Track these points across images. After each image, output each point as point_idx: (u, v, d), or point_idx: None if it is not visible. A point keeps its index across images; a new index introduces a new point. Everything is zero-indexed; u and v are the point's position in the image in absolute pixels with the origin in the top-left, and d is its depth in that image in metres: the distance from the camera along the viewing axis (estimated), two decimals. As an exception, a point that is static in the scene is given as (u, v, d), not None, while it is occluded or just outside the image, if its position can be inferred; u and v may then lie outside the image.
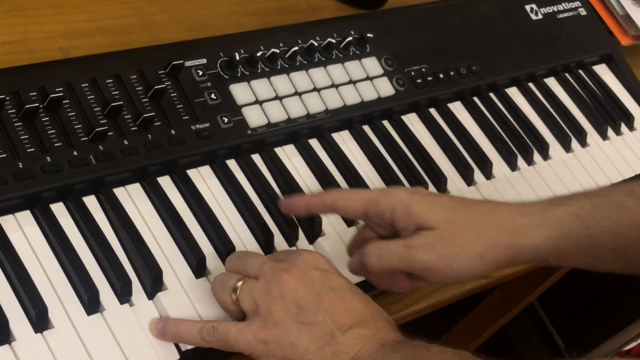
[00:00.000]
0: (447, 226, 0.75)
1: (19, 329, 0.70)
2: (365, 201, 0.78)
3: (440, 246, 0.75)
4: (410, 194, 0.78)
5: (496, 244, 0.76)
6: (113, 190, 0.81)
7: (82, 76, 0.84)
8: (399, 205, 0.77)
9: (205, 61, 0.92)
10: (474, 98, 1.11)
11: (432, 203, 0.77)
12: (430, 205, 0.77)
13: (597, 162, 1.13)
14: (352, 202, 0.79)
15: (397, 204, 0.77)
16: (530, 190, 1.05)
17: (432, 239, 0.75)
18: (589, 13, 1.29)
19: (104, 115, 0.83)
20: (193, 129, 0.87)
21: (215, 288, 0.75)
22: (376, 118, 1.01)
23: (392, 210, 0.77)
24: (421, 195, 0.78)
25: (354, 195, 0.80)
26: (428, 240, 0.75)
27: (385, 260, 0.76)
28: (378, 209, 0.78)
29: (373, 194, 0.79)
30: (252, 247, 0.84)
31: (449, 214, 0.76)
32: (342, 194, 0.81)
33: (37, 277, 0.73)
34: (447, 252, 0.75)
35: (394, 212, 0.77)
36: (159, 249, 0.80)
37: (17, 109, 0.79)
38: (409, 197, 0.77)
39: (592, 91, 1.21)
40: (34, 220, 0.77)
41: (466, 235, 0.75)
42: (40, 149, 0.78)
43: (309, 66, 0.98)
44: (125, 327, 0.74)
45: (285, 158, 0.92)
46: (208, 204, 0.84)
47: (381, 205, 0.77)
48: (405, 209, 0.76)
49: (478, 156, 1.04)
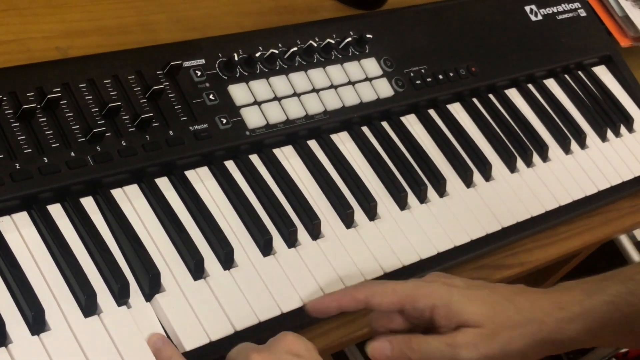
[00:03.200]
0: (488, 324, 0.75)
1: (15, 331, 0.69)
2: (402, 298, 0.77)
3: (483, 346, 0.74)
4: (449, 289, 0.77)
5: (538, 341, 0.76)
6: (111, 192, 0.80)
7: (80, 76, 0.83)
8: (439, 303, 0.76)
9: (204, 61, 0.92)
10: (473, 99, 1.10)
11: (472, 299, 0.76)
12: (471, 301, 0.76)
13: (596, 164, 1.12)
14: (388, 298, 0.77)
15: (437, 301, 0.76)
16: (530, 191, 1.04)
17: (475, 338, 0.74)
18: (588, 14, 1.29)
19: (101, 116, 0.82)
20: (191, 129, 0.87)
21: None
22: (375, 119, 1.01)
23: (432, 309, 0.76)
24: (459, 289, 0.77)
25: (389, 290, 0.77)
26: (471, 339, 0.74)
27: (426, 357, 0.74)
28: (416, 307, 0.76)
29: (409, 290, 0.77)
30: (250, 249, 0.83)
31: (491, 311, 0.76)
32: (375, 290, 0.78)
33: (34, 279, 0.72)
34: (490, 352, 0.74)
35: (434, 310, 0.76)
36: (156, 251, 0.79)
37: (14, 109, 0.78)
38: (448, 293, 0.76)
39: (592, 93, 1.21)
40: (31, 222, 0.76)
41: (508, 334, 0.75)
42: (37, 150, 0.78)
43: (307, 67, 0.98)
44: (122, 330, 0.73)
45: (283, 159, 0.92)
46: (206, 205, 0.84)
47: (420, 303, 0.76)
48: (447, 307, 0.75)
49: (477, 158, 1.03)
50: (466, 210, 0.98)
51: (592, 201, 1.09)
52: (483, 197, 1.00)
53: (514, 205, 1.02)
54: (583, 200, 1.08)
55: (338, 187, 0.92)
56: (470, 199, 0.99)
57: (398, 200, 0.95)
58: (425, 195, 0.97)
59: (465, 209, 0.98)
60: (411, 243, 0.92)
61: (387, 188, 0.95)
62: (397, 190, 0.95)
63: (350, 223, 0.90)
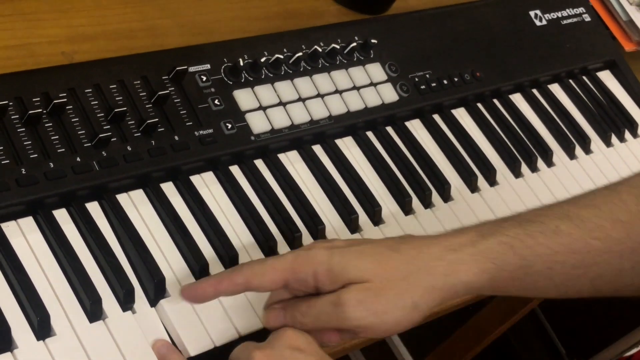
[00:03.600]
0: (374, 278, 0.71)
1: (21, 336, 0.69)
2: (282, 272, 0.72)
3: (370, 301, 0.70)
4: (328, 252, 0.72)
5: (428, 288, 0.72)
6: (116, 197, 0.81)
7: (86, 81, 0.84)
8: (320, 268, 0.71)
9: (209, 67, 0.92)
10: (477, 104, 1.10)
11: (354, 256, 0.72)
12: (353, 259, 0.72)
13: (601, 169, 1.12)
14: (268, 277, 0.72)
15: (317, 267, 0.71)
16: (534, 196, 1.04)
17: (359, 294, 0.70)
18: (593, 19, 1.29)
19: (107, 121, 0.82)
20: (196, 135, 0.87)
21: None
22: (380, 124, 1.01)
23: (314, 275, 0.72)
24: (340, 249, 0.73)
25: (268, 269, 0.73)
26: (357, 295, 0.70)
27: (317, 319, 0.72)
28: (298, 277, 0.72)
29: (288, 263, 0.73)
30: (255, 253, 0.83)
31: (375, 265, 0.72)
32: (254, 271, 0.73)
33: (39, 284, 0.73)
34: (378, 307, 0.70)
35: (317, 277, 0.72)
36: (161, 256, 0.79)
37: (20, 115, 0.79)
38: (328, 256, 0.72)
39: (596, 98, 1.21)
40: (36, 227, 0.76)
41: (396, 286, 0.71)
42: (43, 155, 0.78)
43: (312, 72, 0.98)
44: (127, 335, 0.73)
45: (288, 164, 0.92)
46: (211, 210, 0.84)
47: (301, 273, 0.72)
48: (328, 271, 0.71)
49: (482, 163, 1.03)
50: (471, 215, 0.98)
51: (596, 206, 1.08)
52: (487, 202, 1.01)
53: (519, 211, 1.01)
54: (587, 206, 1.08)
55: (343, 192, 0.92)
56: (474, 204, 0.99)
57: (402, 205, 0.95)
58: (430, 200, 0.97)
59: (470, 214, 0.98)
60: (416, 248, 0.92)
61: (392, 193, 0.96)
62: (402, 195, 0.95)
63: (355, 228, 0.90)
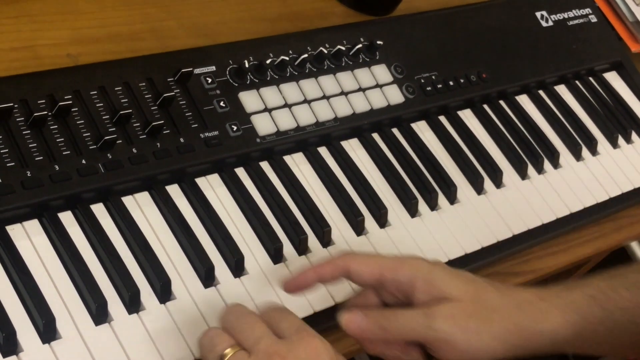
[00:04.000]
0: (469, 300, 0.72)
1: (26, 339, 0.69)
2: (382, 267, 0.74)
3: (461, 319, 0.71)
4: (431, 265, 0.75)
5: (517, 326, 0.73)
6: (121, 199, 0.80)
7: (91, 84, 0.84)
8: (420, 274, 0.73)
9: (214, 68, 0.92)
10: (484, 106, 1.10)
11: (454, 276, 0.74)
12: (452, 277, 0.74)
13: (608, 170, 1.12)
14: (368, 267, 0.74)
15: (417, 273, 0.73)
16: (540, 198, 1.04)
17: (453, 310, 0.71)
18: (599, 20, 1.29)
19: (112, 123, 0.82)
20: (202, 137, 0.86)
21: (202, 346, 0.68)
22: (386, 126, 1.01)
23: (411, 279, 0.73)
24: (443, 267, 0.75)
25: (370, 260, 0.75)
26: (449, 311, 0.71)
27: (402, 327, 0.71)
28: (396, 277, 0.74)
29: (390, 260, 0.75)
30: (261, 256, 0.83)
31: (472, 288, 0.73)
32: (356, 258, 0.75)
33: (45, 287, 0.72)
34: (469, 326, 0.71)
35: (414, 282, 0.73)
36: (167, 258, 0.79)
37: (26, 117, 0.78)
38: (430, 267, 0.74)
39: (603, 99, 1.21)
40: (42, 229, 0.76)
41: (488, 313, 0.72)
42: (48, 158, 0.78)
43: (318, 73, 0.98)
44: (133, 338, 0.73)
45: (294, 166, 0.92)
46: (217, 212, 0.84)
47: (400, 273, 0.74)
48: (427, 280, 0.73)
49: (488, 164, 1.03)
50: (477, 217, 0.98)
51: (603, 208, 1.08)
52: (494, 204, 1.00)
53: (525, 212, 1.01)
54: (594, 207, 1.07)
55: (348, 194, 0.92)
56: (481, 206, 0.99)
57: (409, 207, 0.94)
58: (436, 202, 0.96)
59: (476, 216, 0.98)
60: (422, 250, 0.92)
61: (398, 195, 0.95)
62: (408, 197, 0.95)
63: (361, 230, 0.90)
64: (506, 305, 0.73)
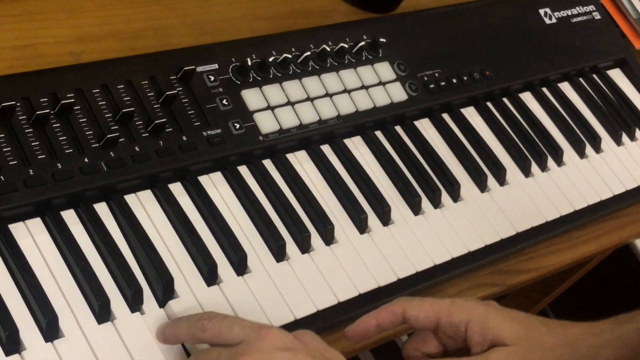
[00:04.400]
0: (522, 343, 0.75)
1: (29, 338, 0.69)
2: (438, 312, 0.76)
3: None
4: (485, 307, 0.77)
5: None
6: (124, 197, 0.80)
7: (93, 82, 0.83)
8: (475, 318, 0.75)
9: (217, 66, 0.91)
10: (487, 103, 1.10)
11: (507, 318, 0.76)
12: (506, 320, 0.76)
13: (612, 168, 1.12)
14: (424, 312, 0.76)
15: (473, 317, 0.75)
16: (544, 196, 1.04)
17: (508, 356, 0.74)
18: (603, 17, 1.28)
19: (115, 122, 0.82)
20: (204, 135, 0.86)
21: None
22: (389, 124, 1.00)
23: (467, 323, 0.75)
24: (496, 309, 0.77)
25: (426, 305, 0.77)
26: (504, 357, 0.74)
27: None
28: (452, 321, 0.76)
29: (446, 305, 0.77)
30: (264, 254, 0.83)
31: (525, 331, 0.76)
32: (412, 303, 0.77)
33: (48, 285, 0.72)
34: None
35: (469, 325, 0.75)
36: (170, 257, 0.79)
37: (28, 115, 0.78)
38: (484, 310, 0.76)
39: (607, 96, 1.20)
40: (44, 228, 0.76)
41: (542, 354, 0.75)
42: (51, 156, 0.78)
43: (321, 71, 0.97)
44: (136, 336, 0.73)
45: (297, 164, 0.92)
46: (219, 210, 0.83)
47: (456, 317, 0.76)
48: (482, 323, 0.75)
49: (491, 162, 1.03)
50: (480, 215, 0.97)
51: (607, 205, 1.08)
52: (497, 201, 1.00)
53: (529, 210, 1.01)
54: (598, 205, 1.07)
55: (351, 192, 0.92)
56: (484, 204, 0.99)
57: (412, 206, 0.94)
58: (439, 200, 0.96)
59: (480, 214, 0.98)
60: (425, 248, 0.91)
61: (401, 193, 0.95)
62: (411, 195, 0.94)
63: (364, 228, 0.90)
64: (559, 345, 0.76)
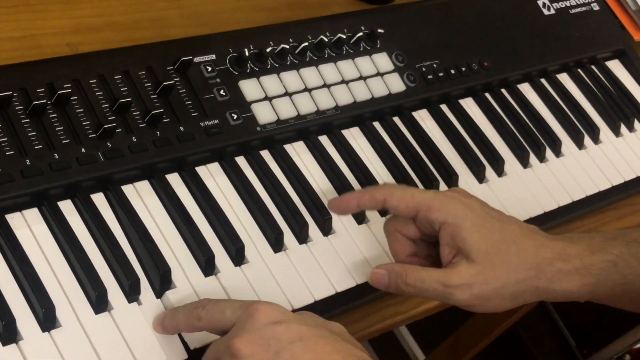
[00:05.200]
0: (486, 262, 0.76)
1: (26, 327, 0.69)
2: (417, 205, 0.78)
3: (477, 287, 0.76)
4: (464, 211, 0.77)
5: (532, 288, 0.77)
6: (121, 188, 0.80)
7: (90, 72, 0.83)
8: (451, 221, 0.77)
9: (214, 57, 0.91)
10: (485, 94, 1.10)
11: (481, 230, 0.77)
12: (479, 233, 0.77)
13: (610, 158, 1.12)
14: (405, 203, 0.79)
15: (449, 219, 0.77)
16: (542, 187, 1.04)
17: (470, 279, 0.76)
18: (601, 8, 1.28)
19: (112, 112, 0.82)
20: (202, 125, 0.86)
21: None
22: (387, 114, 1.00)
23: (442, 223, 0.78)
24: (474, 214, 0.78)
25: (407, 196, 0.79)
26: (466, 280, 0.76)
27: (421, 292, 0.77)
28: (428, 217, 0.78)
29: (427, 199, 0.78)
30: (261, 245, 0.83)
31: (493, 249, 0.77)
32: (394, 192, 0.80)
33: (45, 275, 0.72)
34: (483, 294, 0.76)
35: (443, 226, 0.78)
36: (167, 247, 0.79)
37: (25, 106, 0.78)
38: (462, 215, 0.77)
39: (605, 87, 1.20)
40: (41, 218, 0.76)
41: (504, 277, 0.76)
42: (48, 146, 0.78)
43: (318, 62, 0.97)
44: (133, 326, 0.73)
45: (294, 155, 0.92)
46: (217, 201, 0.83)
47: (432, 215, 0.78)
48: (455, 228, 0.77)
49: (490, 153, 1.03)
50: (478, 205, 0.97)
51: (605, 196, 1.08)
52: (495, 192, 1.00)
53: (527, 201, 1.01)
54: (597, 195, 1.07)
55: (349, 182, 0.92)
56: (482, 195, 0.97)
57: (410, 196, 0.94)
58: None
59: (478, 205, 0.97)
60: (423, 239, 0.91)
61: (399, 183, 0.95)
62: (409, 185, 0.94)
63: (362, 219, 0.90)
64: (524, 269, 0.77)
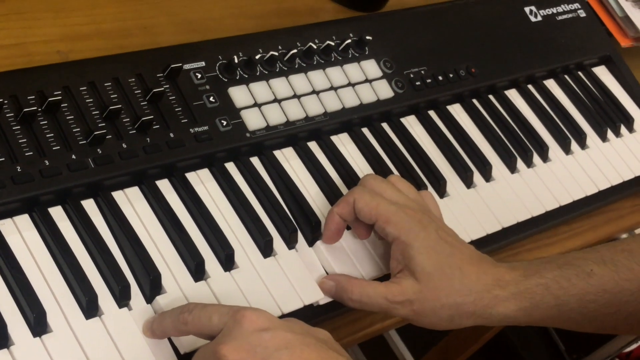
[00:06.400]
0: (429, 284, 0.80)
1: (17, 333, 0.70)
2: (377, 214, 0.82)
3: (418, 305, 0.80)
4: (417, 233, 0.81)
5: (469, 313, 0.81)
6: (112, 194, 0.81)
7: (81, 79, 0.84)
8: (403, 238, 0.81)
9: (204, 64, 0.92)
10: (473, 100, 1.11)
11: (430, 254, 0.81)
12: (427, 256, 0.81)
13: (597, 164, 1.13)
14: (368, 209, 0.83)
15: (402, 236, 0.81)
16: (530, 192, 1.04)
17: (412, 295, 0.80)
18: (588, 15, 1.29)
19: (102, 119, 0.83)
20: (192, 132, 0.87)
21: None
22: (375, 120, 1.01)
23: (395, 238, 0.82)
24: (427, 236, 0.81)
25: (373, 204, 0.83)
26: (408, 295, 0.80)
27: (365, 305, 0.82)
28: (384, 228, 0.82)
29: (388, 212, 0.82)
30: (251, 250, 0.84)
31: (438, 273, 0.80)
32: (364, 197, 0.83)
33: (36, 281, 0.73)
34: (422, 311, 0.81)
35: (395, 242, 0.82)
36: (157, 253, 0.79)
37: (15, 113, 0.79)
38: (414, 236, 0.81)
39: (592, 93, 1.21)
40: (32, 224, 0.76)
41: (443, 299, 0.80)
42: (38, 153, 0.78)
43: (307, 69, 0.98)
44: (123, 331, 0.73)
45: (284, 161, 0.92)
46: (207, 207, 0.84)
47: (387, 228, 0.82)
48: (405, 246, 0.81)
49: (477, 158, 1.03)
50: (466, 210, 0.98)
51: (592, 201, 1.09)
52: (483, 197, 1.01)
53: (515, 206, 1.02)
54: (584, 200, 1.08)
55: (339, 188, 0.92)
56: (470, 200, 1.00)
57: (398, 201, 0.95)
58: (426, 196, 0.97)
59: (466, 210, 0.98)
60: (412, 244, 0.92)
61: (388, 189, 0.96)
62: (398, 191, 0.95)
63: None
64: (464, 294, 0.81)
